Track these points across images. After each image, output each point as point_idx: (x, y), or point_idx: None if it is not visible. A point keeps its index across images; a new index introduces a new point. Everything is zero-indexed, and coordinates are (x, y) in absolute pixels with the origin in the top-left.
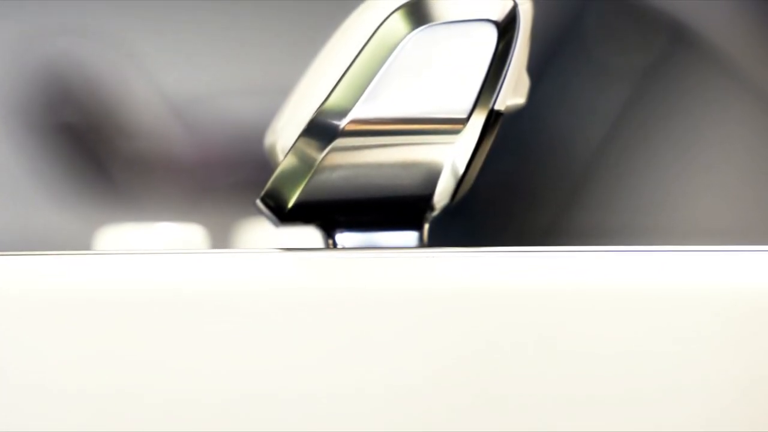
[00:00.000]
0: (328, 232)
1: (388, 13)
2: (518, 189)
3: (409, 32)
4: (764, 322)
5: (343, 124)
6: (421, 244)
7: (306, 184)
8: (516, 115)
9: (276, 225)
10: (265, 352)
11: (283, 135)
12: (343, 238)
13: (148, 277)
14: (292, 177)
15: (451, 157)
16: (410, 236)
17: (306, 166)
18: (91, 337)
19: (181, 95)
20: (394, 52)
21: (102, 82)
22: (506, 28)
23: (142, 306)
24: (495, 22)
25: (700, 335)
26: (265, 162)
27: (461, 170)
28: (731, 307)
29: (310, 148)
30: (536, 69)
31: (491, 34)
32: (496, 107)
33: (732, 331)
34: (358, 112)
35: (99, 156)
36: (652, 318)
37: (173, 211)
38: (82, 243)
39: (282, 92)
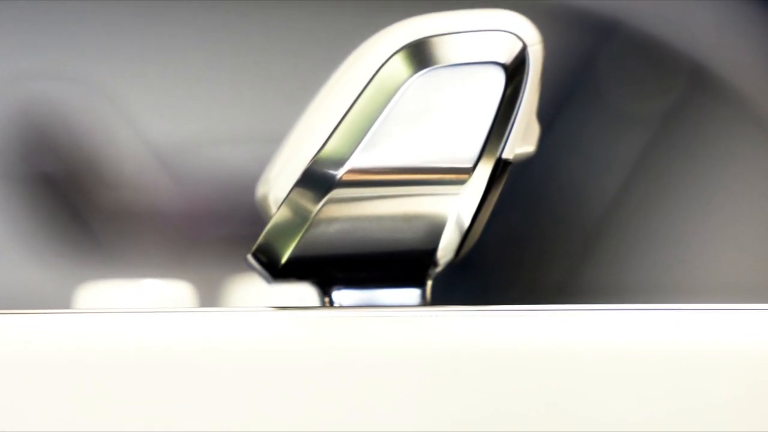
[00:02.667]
0: (324, 290)
1: (389, 56)
2: (527, 243)
3: (411, 76)
4: None
5: (340, 173)
6: (424, 303)
7: (300, 238)
8: (525, 164)
9: (268, 282)
10: (257, 416)
11: (276, 186)
12: (340, 295)
13: (131, 337)
14: (286, 230)
15: (455, 210)
16: (412, 294)
17: (300, 218)
18: (71, 400)
19: (167, 143)
20: (395, 97)
21: (83, 129)
22: (515, 71)
23: (125, 368)
24: (503, 65)
25: (722, 397)
26: (256, 215)
27: (466, 223)
28: (754, 368)
29: (304, 200)
30: (547, 115)
31: (499, 78)
32: (504, 156)
33: (756, 392)
34: (357, 161)
35: (79, 208)
36: (671, 380)
37: (159, 267)
38: (61, 301)
39: (274, 140)
